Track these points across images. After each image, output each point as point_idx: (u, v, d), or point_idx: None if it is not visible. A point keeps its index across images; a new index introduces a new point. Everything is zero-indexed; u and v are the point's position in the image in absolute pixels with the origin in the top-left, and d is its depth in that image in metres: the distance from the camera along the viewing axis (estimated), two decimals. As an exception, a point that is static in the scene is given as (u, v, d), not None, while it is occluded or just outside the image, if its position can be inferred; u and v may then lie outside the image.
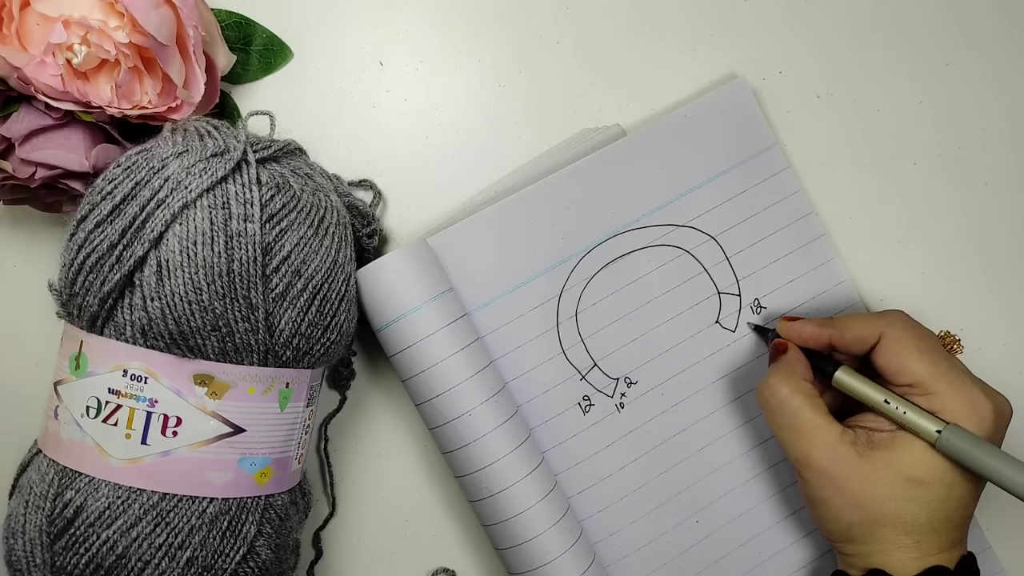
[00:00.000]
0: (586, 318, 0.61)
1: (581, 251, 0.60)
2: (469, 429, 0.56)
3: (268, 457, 0.50)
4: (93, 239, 0.47)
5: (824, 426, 0.52)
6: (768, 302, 0.62)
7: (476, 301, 0.59)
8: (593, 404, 0.61)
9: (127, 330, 0.47)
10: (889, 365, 0.53)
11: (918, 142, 0.63)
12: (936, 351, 0.53)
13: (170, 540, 0.47)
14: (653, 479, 0.61)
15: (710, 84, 0.62)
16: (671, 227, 0.61)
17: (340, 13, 0.61)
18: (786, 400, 0.54)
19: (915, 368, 0.52)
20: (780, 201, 0.62)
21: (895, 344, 0.53)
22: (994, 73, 0.64)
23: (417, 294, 0.55)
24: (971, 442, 0.50)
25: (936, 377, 0.51)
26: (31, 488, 0.49)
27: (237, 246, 0.47)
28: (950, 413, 0.51)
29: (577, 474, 0.60)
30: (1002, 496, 0.54)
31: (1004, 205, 0.64)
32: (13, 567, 0.48)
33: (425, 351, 0.55)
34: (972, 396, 0.51)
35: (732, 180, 0.61)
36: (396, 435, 0.62)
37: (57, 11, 0.51)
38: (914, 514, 0.50)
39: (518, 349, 0.60)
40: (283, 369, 0.50)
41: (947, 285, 0.64)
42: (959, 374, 0.52)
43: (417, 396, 0.57)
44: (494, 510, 0.57)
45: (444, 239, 0.58)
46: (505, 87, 0.62)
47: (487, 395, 0.56)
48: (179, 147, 0.49)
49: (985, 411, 0.51)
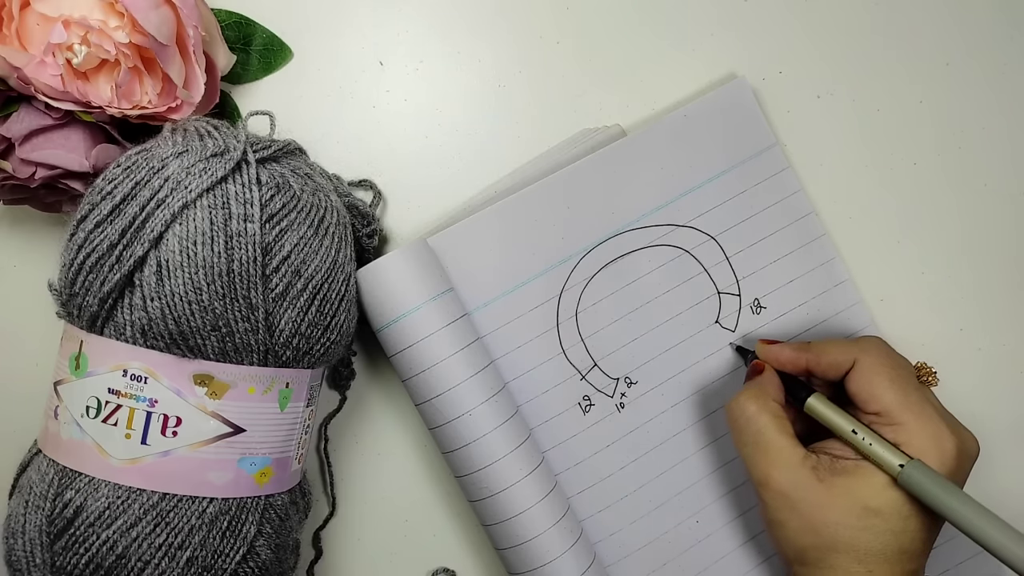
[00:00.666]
0: (586, 318, 0.61)
1: (581, 251, 0.60)
2: (469, 429, 0.56)
3: (268, 457, 0.50)
4: (93, 239, 0.47)
5: (787, 448, 0.52)
6: (768, 302, 0.62)
7: (476, 301, 0.59)
8: (593, 404, 0.61)
9: (127, 330, 0.47)
10: (860, 392, 0.53)
11: (918, 142, 0.63)
12: (907, 382, 0.53)
13: (170, 540, 0.47)
14: (653, 479, 0.61)
15: (710, 84, 0.62)
16: (671, 227, 0.61)
17: (340, 13, 0.61)
18: (752, 418, 0.54)
19: (884, 397, 0.52)
20: (780, 201, 0.62)
21: (867, 371, 0.53)
22: (994, 73, 0.64)
23: (417, 294, 0.55)
24: (932, 480, 0.49)
25: (904, 408, 0.52)
26: (31, 488, 0.49)
27: (237, 246, 0.47)
28: (914, 446, 0.51)
29: (577, 474, 0.60)
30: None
31: (1004, 205, 0.64)
32: (13, 567, 0.48)
33: (425, 351, 0.55)
34: (938, 431, 0.51)
35: (732, 180, 0.61)
36: (396, 435, 0.62)
37: (57, 11, 0.51)
38: (868, 543, 0.50)
39: (518, 349, 0.60)
40: (283, 369, 0.50)
41: (947, 285, 0.64)
42: (927, 407, 0.52)
43: (417, 396, 0.57)
44: (494, 510, 0.57)
45: (444, 239, 0.58)
46: (505, 87, 0.62)
47: (487, 395, 0.56)
48: (179, 147, 0.49)
49: (948, 447, 0.51)
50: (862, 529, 0.50)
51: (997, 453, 0.64)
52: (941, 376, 0.62)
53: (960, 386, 0.63)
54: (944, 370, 0.63)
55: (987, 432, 0.64)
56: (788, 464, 0.52)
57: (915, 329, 0.64)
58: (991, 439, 0.64)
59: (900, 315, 0.63)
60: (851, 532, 0.50)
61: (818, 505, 0.51)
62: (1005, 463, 0.64)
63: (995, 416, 0.64)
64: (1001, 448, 0.64)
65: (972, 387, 0.64)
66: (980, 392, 0.64)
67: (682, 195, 0.61)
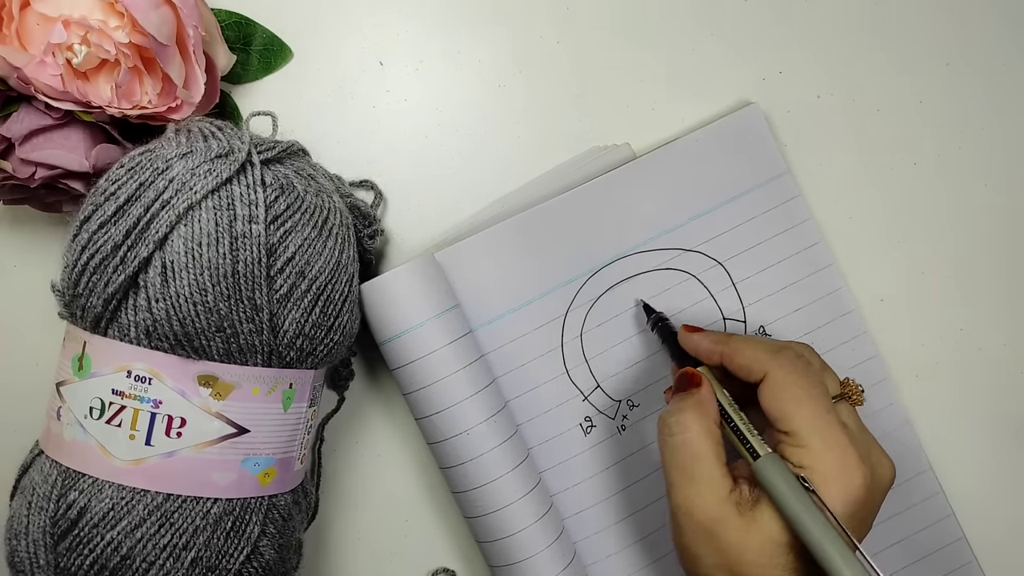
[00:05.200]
0: (591, 339, 0.61)
1: (588, 272, 0.60)
2: (467, 448, 0.56)
3: (272, 457, 0.50)
4: (97, 240, 0.47)
5: (717, 479, 0.49)
6: (773, 329, 0.62)
7: (481, 318, 0.59)
8: (595, 425, 0.61)
9: (131, 331, 0.47)
10: (769, 408, 0.50)
11: (918, 142, 0.64)
12: (818, 402, 0.49)
13: (175, 541, 0.47)
14: (652, 503, 0.61)
15: (710, 83, 0.62)
16: (679, 251, 0.61)
17: (340, 13, 0.61)
18: (691, 442, 0.50)
19: (792, 417, 0.49)
20: (789, 229, 0.62)
21: (776, 387, 0.50)
22: (994, 73, 0.64)
23: (423, 310, 0.55)
24: (784, 479, 0.47)
25: (812, 431, 0.48)
26: (34, 489, 0.49)
27: (242, 247, 0.47)
28: (818, 471, 0.47)
29: (575, 495, 0.61)
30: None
31: (1004, 205, 0.64)
32: (16, 568, 0.48)
33: (428, 367, 0.55)
34: (845, 459, 0.48)
35: (742, 206, 0.61)
36: (396, 436, 0.62)
37: (57, 11, 0.51)
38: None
39: (522, 367, 0.60)
40: (287, 370, 0.50)
41: (947, 285, 0.64)
42: (837, 431, 0.48)
43: (417, 411, 0.57)
44: (489, 528, 0.57)
45: (452, 254, 0.58)
46: (505, 87, 0.62)
47: (487, 414, 0.56)
48: (183, 148, 0.49)
49: (855, 476, 0.47)
50: (774, 567, 0.47)
51: (997, 453, 0.64)
52: (941, 378, 0.62)
53: (960, 386, 0.64)
54: (944, 370, 0.63)
55: (987, 432, 0.64)
56: (716, 498, 0.49)
57: (915, 329, 0.64)
58: (991, 439, 0.64)
59: (900, 315, 0.64)
60: (763, 571, 0.47)
61: (736, 544, 0.48)
62: (1005, 463, 0.64)
63: (995, 416, 0.64)
64: (1001, 448, 0.64)
65: (972, 387, 0.64)
66: (980, 392, 0.64)
67: (691, 219, 0.61)
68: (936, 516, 0.63)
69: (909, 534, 0.63)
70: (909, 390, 0.64)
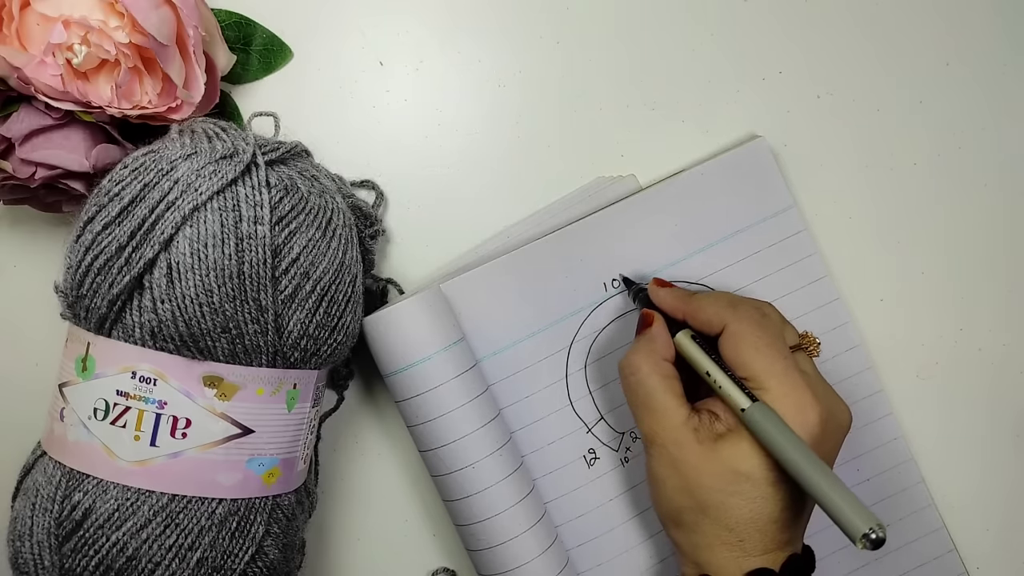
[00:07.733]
0: (595, 371, 0.61)
1: (592, 303, 0.61)
2: (472, 481, 0.56)
3: (276, 458, 0.50)
4: (101, 241, 0.47)
5: (672, 408, 0.52)
6: None
7: (486, 349, 0.59)
8: (598, 457, 0.61)
9: (136, 332, 0.47)
10: (728, 357, 0.53)
11: (918, 142, 0.64)
12: (775, 349, 0.52)
13: (180, 541, 0.47)
14: (656, 534, 0.61)
15: (710, 83, 0.63)
16: (684, 284, 0.61)
17: (340, 13, 0.61)
18: (643, 380, 0.54)
19: (751, 364, 0.51)
20: (794, 263, 0.62)
21: (734, 337, 0.53)
22: (994, 73, 0.64)
23: (430, 344, 0.55)
24: (774, 424, 0.49)
25: (769, 375, 0.51)
26: (37, 490, 0.49)
27: (248, 248, 0.47)
28: (776, 411, 0.50)
29: (579, 526, 0.61)
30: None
31: (1004, 205, 0.64)
32: (20, 570, 0.48)
33: (434, 401, 0.55)
34: (801, 398, 0.50)
35: (747, 240, 0.61)
36: (396, 435, 0.62)
37: (57, 11, 0.51)
38: (738, 508, 0.50)
39: (526, 399, 0.60)
40: (291, 370, 0.50)
41: (947, 285, 0.64)
42: (794, 375, 0.51)
43: (422, 444, 0.57)
44: (492, 561, 0.57)
45: (457, 285, 0.58)
46: (505, 87, 0.62)
47: (492, 448, 0.56)
48: (188, 149, 0.49)
49: (811, 415, 0.50)
50: (732, 494, 0.50)
51: (997, 453, 0.64)
52: (944, 376, 0.62)
53: (960, 386, 0.64)
54: (944, 370, 0.64)
55: (987, 432, 0.64)
56: (672, 424, 0.52)
57: (915, 329, 0.64)
58: (991, 439, 0.65)
59: (900, 315, 0.64)
60: (721, 496, 0.50)
61: (694, 467, 0.51)
62: (1005, 463, 0.65)
63: (995, 416, 0.65)
64: (1001, 448, 0.64)
65: (972, 387, 0.64)
66: (980, 392, 0.65)
67: (696, 252, 0.61)
68: (927, 528, 0.64)
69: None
70: (909, 390, 0.64)
